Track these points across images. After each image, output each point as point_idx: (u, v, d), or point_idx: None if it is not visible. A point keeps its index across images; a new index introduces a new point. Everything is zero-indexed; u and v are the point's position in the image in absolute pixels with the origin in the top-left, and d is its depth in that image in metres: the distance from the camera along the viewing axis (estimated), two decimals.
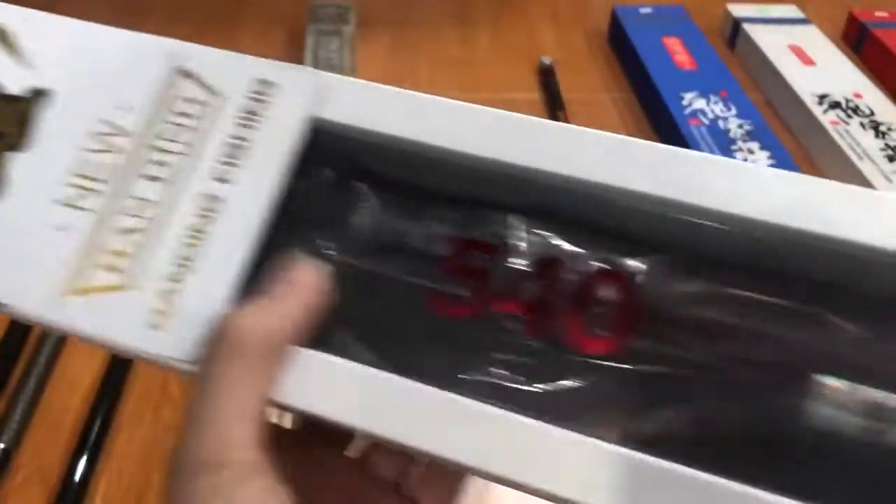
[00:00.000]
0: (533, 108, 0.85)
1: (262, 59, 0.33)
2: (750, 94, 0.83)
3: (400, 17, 1.01)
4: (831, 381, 0.26)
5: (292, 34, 0.97)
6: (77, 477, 0.47)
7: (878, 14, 0.96)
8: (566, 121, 0.81)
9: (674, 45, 0.88)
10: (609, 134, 0.29)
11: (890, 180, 0.69)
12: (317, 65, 0.84)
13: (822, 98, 0.80)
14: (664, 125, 0.79)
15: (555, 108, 0.84)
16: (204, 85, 0.32)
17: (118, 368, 0.54)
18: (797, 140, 0.80)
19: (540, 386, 0.27)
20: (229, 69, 0.32)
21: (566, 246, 0.28)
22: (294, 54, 0.92)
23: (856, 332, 0.26)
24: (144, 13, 1.01)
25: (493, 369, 0.27)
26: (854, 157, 0.72)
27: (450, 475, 0.32)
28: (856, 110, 0.78)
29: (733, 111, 0.77)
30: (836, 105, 0.79)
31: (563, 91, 0.87)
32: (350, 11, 0.96)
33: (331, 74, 0.32)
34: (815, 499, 0.24)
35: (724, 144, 0.72)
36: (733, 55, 0.95)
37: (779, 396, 0.26)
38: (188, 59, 0.33)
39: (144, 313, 0.28)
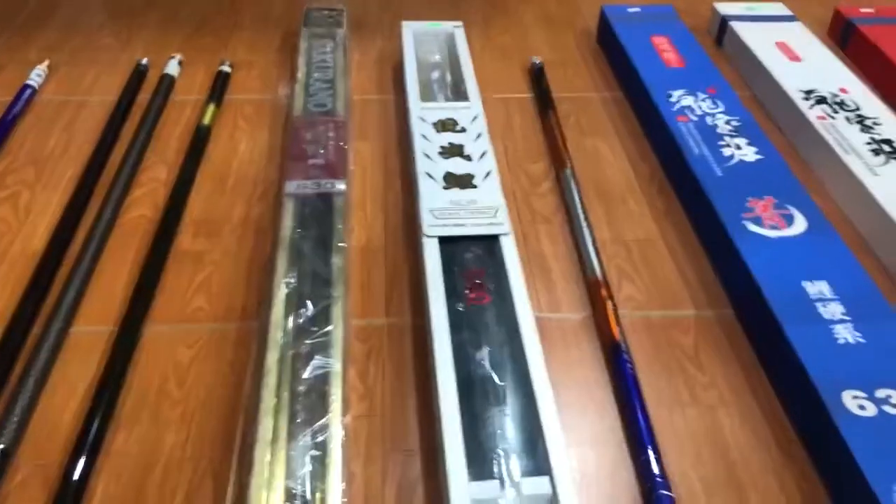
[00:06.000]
0: (524, 107, 0.86)
1: None
2: (738, 90, 0.84)
3: (393, 19, 1.02)
4: None
5: (287, 37, 0.98)
6: (76, 476, 0.48)
7: (864, 10, 0.97)
8: (556, 119, 0.82)
9: (662, 43, 0.89)
10: None
11: (875, 174, 0.70)
12: (310, 67, 0.84)
13: (808, 94, 0.81)
14: (652, 122, 0.79)
15: (545, 107, 0.85)
16: None
17: (116, 368, 0.55)
18: (784, 135, 0.81)
19: None
20: None
21: None
22: (288, 57, 0.93)
23: None
24: (140, 16, 1.02)
25: None
26: (840, 152, 0.73)
27: None
28: (842, 105, 0.79)
29: (721, 108, 0.78)
30: (822, 100, 0.80)
31: (553, 90, 0.88)
32: (343, 15, 0.97)
33: None
34: None
35: (711, 141, 0.73)
36: (721, 53, 0.96)
37: None
38: None
39: None
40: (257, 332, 0.58)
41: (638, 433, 0.52)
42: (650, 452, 0.51)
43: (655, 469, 0.50)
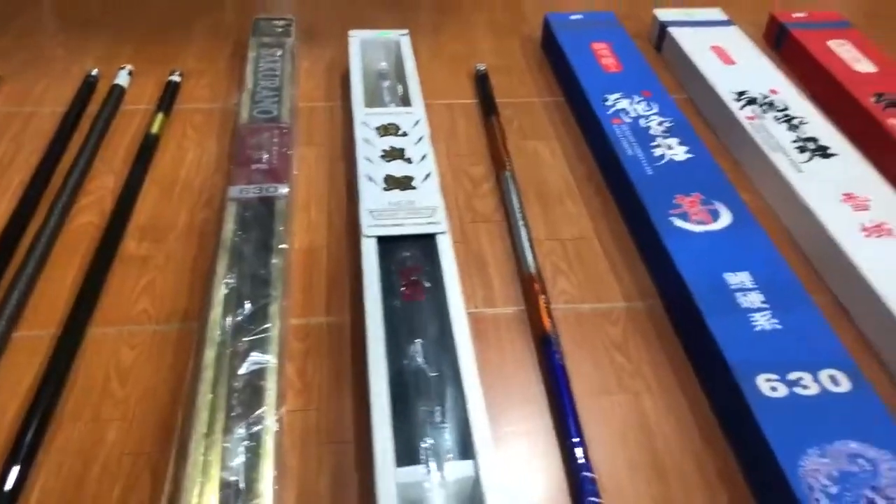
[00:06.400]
0: (469, 112, 0.89)
1: None
2: (674, 93, 0.87)
3: (344, 29, 1.03)
4: None
5: (237, 47, 1.00)
6: (14, 473, 0.49)
7: (796, 15, 1.00)
8: (499, 123, 0.84)
9: (601, 49, 0.92)
10: None
11: (800, 170, 0.73)
12: (257, 75, 0.86)
13: (740, 95, 0.84)
14: (590, 125, 0.82)
15: (489, 112, 0.87)
16: None
17: (58, 369, 0.56)
18: (717, 135, 0.84)
19: None
20: None
21: None
22: (237, 65, 0.95)
23: None
24: (93, 27, 1.03)
25: None
26: (767, 149, 0.76)
27: None
28: (771, 105, 0.82)
29: (655, 110, 0.81)
30: (752, 101, 0.83)
31: (498, 96, 0.90)
32: (292, 25, 0.99)
33: None
34: None
35: (643, 142, 0.76)
36: (660, 57, 0.99)
37: None
38: None
39: None
40: (197, 332, 0.59)
41: (564, 419, 0.54)
42: (575, 437, 0.53)
43: (579, 453, 0.52)
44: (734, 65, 0.90)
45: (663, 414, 0.56)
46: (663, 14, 1.00)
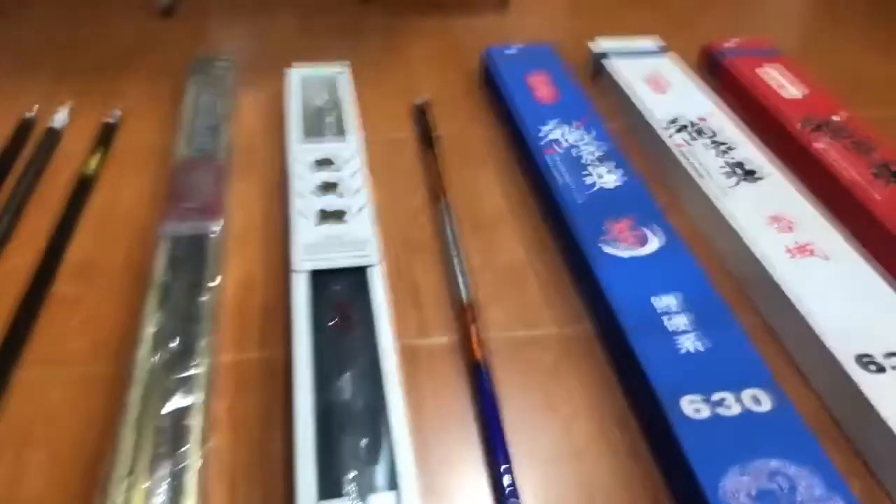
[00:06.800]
0: (407, 145, 0.90)
1: None
2: (609, 122, 0.88)
3: (287, 65, 1.04)
4: None
5: (179, 85, 1.00)
6: None
7: (727, 44, 1.03)
8: (437, 155, 0.86)
9: (537, 81, 0.94)
10: None
11: (727, 194, 0.75)
12: (196, 112, 0.87)
13: (671, 122, 0.86)
14: (525, 156, 0.83)
15: (428, 144, 0.88)
16: None
17: None
18: (649, 162, 0.86)
19: None
20: None
21: None
22: (177, 103, 0.95)
23: None
24: (34, 67, 1.03)
25: None
26: (695, 175, 0.78)
27: None
28: (701, 132, 0.84)
29: (587, 139, 0.82)
30: (683, 128, 0.85)
31: (437, 128, 0.91)
32: (233, 62, 1.00)
33: None
34: None
35: (575, 170, 0.77)
36: (597, 87, 1.01)
37: None
38: None
39: None
40: (126, 371, 0.59)
41: (493, 447, 0.55)
42: (503, 465, 0.53)
43: (507, 480, 0.52)
44: (667, 93, 0.92)
45: (592, 437, 0.57)
46: (599, 44, 1.02)
